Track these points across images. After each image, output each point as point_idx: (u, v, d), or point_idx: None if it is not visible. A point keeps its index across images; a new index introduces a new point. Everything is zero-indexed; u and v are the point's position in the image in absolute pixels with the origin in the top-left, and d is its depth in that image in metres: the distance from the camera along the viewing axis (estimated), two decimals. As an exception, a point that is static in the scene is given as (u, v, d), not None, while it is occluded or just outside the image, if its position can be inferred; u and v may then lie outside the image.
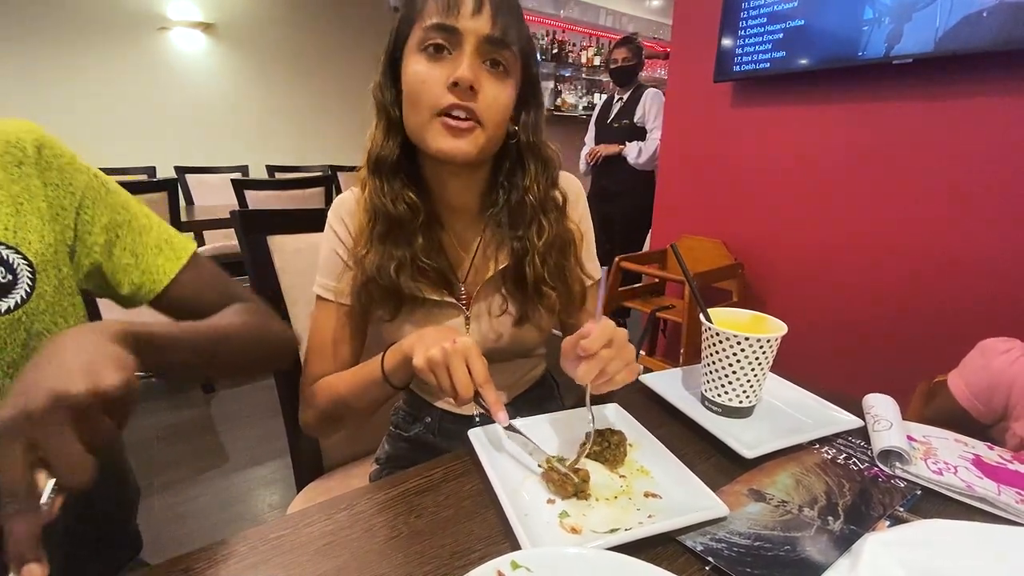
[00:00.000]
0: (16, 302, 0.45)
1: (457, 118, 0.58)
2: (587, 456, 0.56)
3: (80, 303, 0.53)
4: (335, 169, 3.09)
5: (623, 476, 0.53)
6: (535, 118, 0.66)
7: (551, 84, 4.92)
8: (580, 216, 0.74)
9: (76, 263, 0.52)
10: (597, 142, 2.93)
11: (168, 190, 1.94)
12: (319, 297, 0.69)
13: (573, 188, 0.74)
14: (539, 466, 0.53)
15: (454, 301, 0.68)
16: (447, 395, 0.53)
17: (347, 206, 0.68)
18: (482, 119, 0.59)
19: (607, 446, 0.55)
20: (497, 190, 0.68)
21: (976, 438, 0.62)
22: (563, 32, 4.85)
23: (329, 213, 0.70)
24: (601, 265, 0.78)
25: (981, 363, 0.78)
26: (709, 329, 0.62)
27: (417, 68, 0.58)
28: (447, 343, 0.53)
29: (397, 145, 0.63)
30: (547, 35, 4.74)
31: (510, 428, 0.54)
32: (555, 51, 4.77)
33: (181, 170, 3.20)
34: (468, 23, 0.56)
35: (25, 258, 0.46)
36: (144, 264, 0.55)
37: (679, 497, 0.49)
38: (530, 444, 0.54)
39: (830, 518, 0.47)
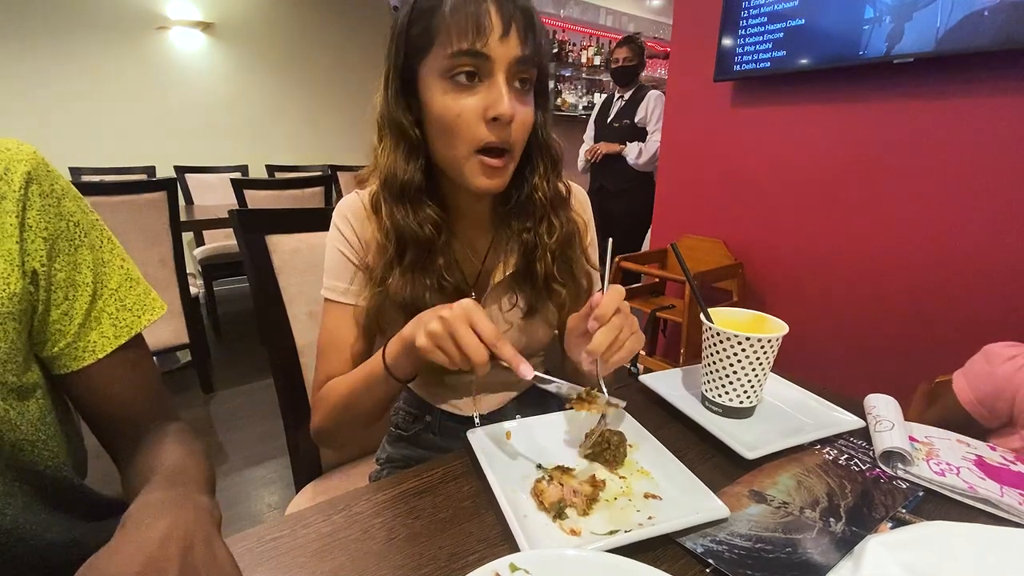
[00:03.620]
0: None
1: (494, 155, 0.57)
2: (586, 456, 0.55)
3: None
4: (335, 169, 3.07)
5: (623, 477, 0.53)
6: (546, 115, 0.64)
7: (551, 84, 4.92)
8: (582, 205, 0.75)
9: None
10: (596, 141, 2.93)
11: (167, 190, 1.93)
12: (327, 300, 0.68)
13: (574, 188, 0.75)
14: (539, 470, 0.52)
15: None
16: (461, 367, 0.50)
17: (354, 208, 0.67)
18: (513, 147, 0.58)
19: (607, 447, 0.55)
20: (509, 189, 0.65)
21: (977, 439, 0.61)
22: (563, 32, 4.85)
23: (334, 215, 0.68)
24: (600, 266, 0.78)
25: (987, 369, 0.77)
26: (710, 329, 0.62)
27: (447, 101, 0.55)
28: (444, 311, 0.50)
29: (420, 168, 0.60)
30: (547, 35, 4.74)
31: (536, 379, 0.52)
32: (555, 51, 4.77)
33: (181, 170, 3.20)
34: (498, 48, 0.53)
35: None
36: (78, 337, 0.48)
37: (679, 498, 0.49)
38: (563, 386, 0.53)
39: (832, 520, 0.47)
